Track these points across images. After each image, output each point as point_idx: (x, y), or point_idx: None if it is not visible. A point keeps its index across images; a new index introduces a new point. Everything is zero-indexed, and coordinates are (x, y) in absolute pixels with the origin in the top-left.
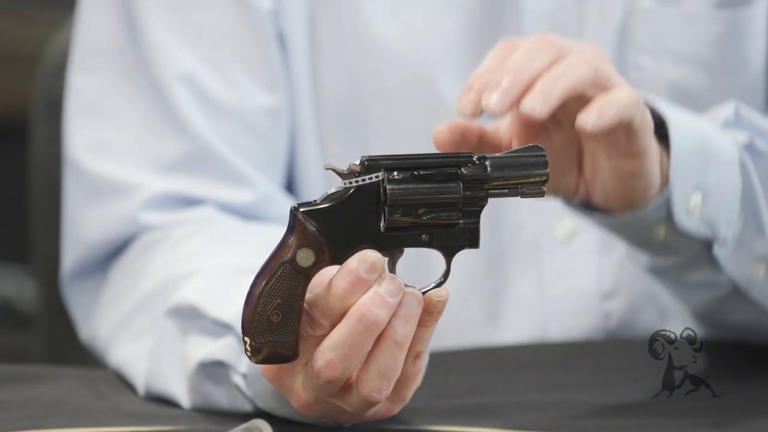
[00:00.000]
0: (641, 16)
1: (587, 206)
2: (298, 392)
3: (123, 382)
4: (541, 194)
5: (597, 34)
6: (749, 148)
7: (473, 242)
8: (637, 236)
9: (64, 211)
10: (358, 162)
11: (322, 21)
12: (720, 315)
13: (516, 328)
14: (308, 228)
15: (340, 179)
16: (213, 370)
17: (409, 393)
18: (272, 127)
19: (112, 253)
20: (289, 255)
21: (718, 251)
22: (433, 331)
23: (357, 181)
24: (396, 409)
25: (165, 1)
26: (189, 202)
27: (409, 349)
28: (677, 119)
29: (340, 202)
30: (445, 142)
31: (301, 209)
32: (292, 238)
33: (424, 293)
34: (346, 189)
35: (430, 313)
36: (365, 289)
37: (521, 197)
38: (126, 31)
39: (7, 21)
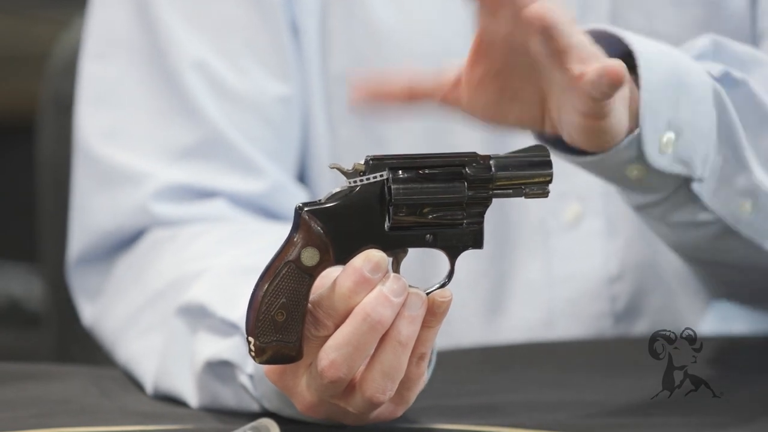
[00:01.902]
0: (631, 1)
1: (560, 142)
2: (302, 393)
3: (130, 380)
4: (545, 195)
5: (594, 19)
6: (725, 78)
7: (477, 243)
8: (611, 175)
9: (72, 198)
10: (362, 162)
11: (333, 9)
12: (715, 255)
13: (523, 312)
14: (313, 227)
15: (345, 179)
16: (220, 369)
17: (413, 395)
18: (285, 116)
19: (121, 242)
20: (293, 254)
21: (699, 188)
22: (437, 333)
23: (362, 180)
24: (399, 412)
25: None
26: (201, 193)
27: (413, 351)
28: (647, 53)
29: (344, 202)
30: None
31: (306, 209)
32: (296, 237)
33: (428, 294)
34: (351, 188)
35: (433, 314)
36: (369, 289)
37: (525, 197)
38: (139, 20)
39: (14, 20)
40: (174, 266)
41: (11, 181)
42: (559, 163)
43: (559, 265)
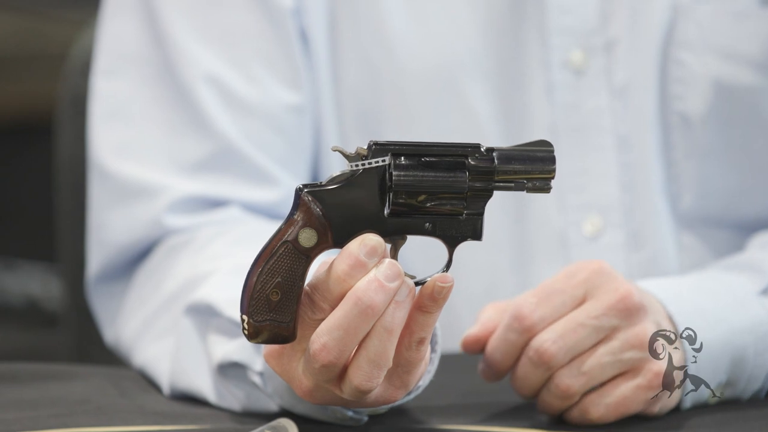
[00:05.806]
0: (686, 13)
1: None
2: (299, 378)
3: (148, 380)
4: (546, 190)
5: (625, 28)
6: None
7: (476, 234)
8: None
9: (89, 215)
10: (365, 146)
11: (342, 18)
12: None
13: None
14: (312, 208)
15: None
16: (231, 371)
17: (413, 379)
18: (296, 124)
19: (138, 256)
20: (291, 234)
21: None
22: (436, 318)
23: (363, 164)
24: (399, 395)
25: (187, 3)
26: (214, 203)
27: (411, 336)
28: (704, 346)
29: (345, 184)
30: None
31: (306, 189)
32: (295, 217)
33: (422, 283)
34: (353, 172)
35: (434, 299)
36: (364, 273)
37: (527, 192)
38: (149, 34)
39: (32, 20)
40: (188, 268)
41: (30, 181)
42: (580, 175)
43: None
